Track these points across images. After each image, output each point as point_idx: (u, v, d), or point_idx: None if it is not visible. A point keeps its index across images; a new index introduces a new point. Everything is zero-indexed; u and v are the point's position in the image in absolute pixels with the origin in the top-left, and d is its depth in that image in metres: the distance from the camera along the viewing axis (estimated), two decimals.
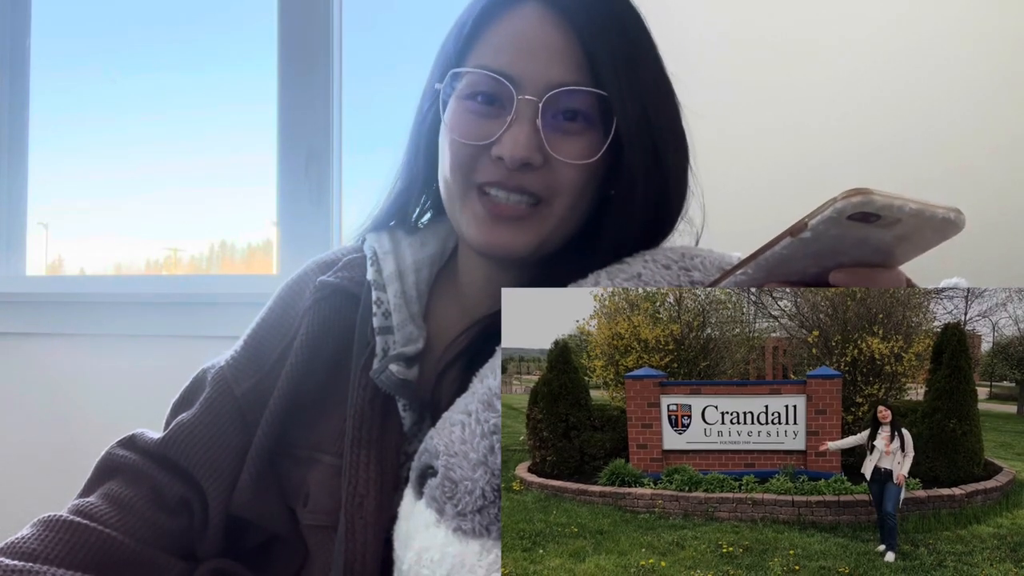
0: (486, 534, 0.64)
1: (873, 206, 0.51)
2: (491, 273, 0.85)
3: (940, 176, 1.38)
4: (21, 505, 1.87)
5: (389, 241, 0.89)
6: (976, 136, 1.39)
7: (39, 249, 2.11)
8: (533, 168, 0.75)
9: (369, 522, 0.78)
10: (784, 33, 1.46)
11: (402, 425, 0.83)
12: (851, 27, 1.44)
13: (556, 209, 0.78)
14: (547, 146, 0.75)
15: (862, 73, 1.43)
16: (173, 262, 2.12)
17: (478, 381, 0.72)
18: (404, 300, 0.86)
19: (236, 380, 0.87)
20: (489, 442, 0.66)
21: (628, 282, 0.74)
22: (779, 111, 1.44)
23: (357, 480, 0.79)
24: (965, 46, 1.40)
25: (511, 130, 0.74)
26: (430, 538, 0.66)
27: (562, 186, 0.77)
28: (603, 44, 0.76)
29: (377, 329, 0.84)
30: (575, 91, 0.75)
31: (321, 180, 1.82)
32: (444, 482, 0.67)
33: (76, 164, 2.12)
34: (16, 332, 1.91)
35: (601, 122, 0.77)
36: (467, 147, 0.77)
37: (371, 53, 1.92)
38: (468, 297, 0.88)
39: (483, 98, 0.77)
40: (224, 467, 0.85)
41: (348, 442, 0.81)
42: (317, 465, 0.84)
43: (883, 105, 1.42)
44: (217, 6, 2.09)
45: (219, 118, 2.04)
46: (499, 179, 0.76)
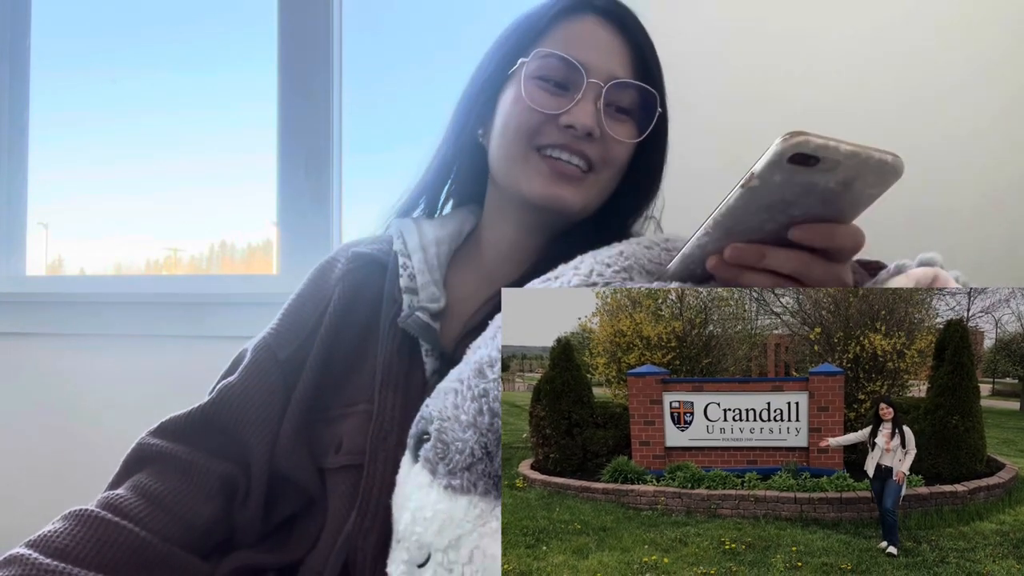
0: (473, 490, 0.68)
1: (809, 146, 0.55)
2: (517, 238, 1.00)
3: (939, 175, 1.38)
4: (21, 505, 1.87)
5: (412, 223, 1.03)
6: (976, 133, 1.38)
7: (39, 249, 2.10)
8: (592, 139, 0.92)
9: (390, 455, 0.86)
10: (777, 29, 1.46)
11: (425, 371, 0.92)
12: (847, 24, 1.43)
13: (602, 177, 0.95)
14: (604, 124, 0.92)
15: (858, 70, 1.42)
16: (173, 262, 2.12)
17: (471, 352, 0.78)
18: (427, 267, 0.98)
19: (279, 347, 0.96)
20: (479, 405, 0.70)
21: (610, 258, 0.78)
22: (772, 107, 1.44)
23: (383, 418, 0.89)
24: (964, 41, 1.39)
25: (579, 105, 0.91)
26: (423, 498, 0.70)
27: (611, 158, 0.94)
28: (649, 52, 0.96)
29: (404, 289, 0.96)
30: (631, 84, 0.93)
31: (321, 180, 1.82)
32: (437, 444, 0.71)
33: (76, 164, 2.12)
34: (16, 332, 1.91)
35: (640, 114, 0.95)
36: (538, 114, 0.92)
37: (371, 53, 1.92)
38: (488, 265, 1.01)
39: (554, 82, 0.93)
40: (270, 425, 0.93)
41: (377, 386, 0.91)
42: (351, 417, 0.92)
43: (882, 105, 1.42)
44: (217, 6, 2.09)
45: (219, 118, 2.04)
46: (565, 142, 0.91)
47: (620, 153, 0.95)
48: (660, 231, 1.07)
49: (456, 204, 1.09)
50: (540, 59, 0.93)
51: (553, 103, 0.92)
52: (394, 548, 0.74)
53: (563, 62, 0.92)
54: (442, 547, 0.66)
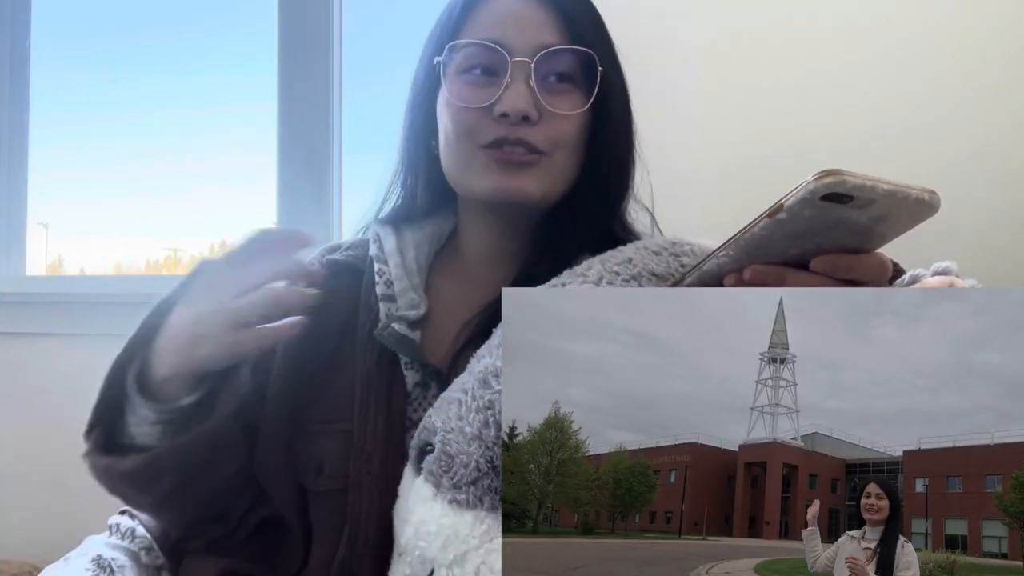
0: (479, 505, 0.66)
1: (845, 187, 0.53)
2: (494, 242, 0.93)
3: (937, 176, 1.37)
4: (21, 505, 1.87)
5: (390, 226, 0.97)
6: (968, 133, 1.37)
7: (39, 249, 2.10)
8: (532, 123, 0.84)
9: (375, 476, 0.82)
10: (771, 31, 1.45)
11: (405, 385, 0.87)
12: (837, 24, 1.43)
13: (557, 160, 0.86)
14: (542, 101, 0.84)
15: (850, 70, 1.42)
16: (173, 262, 2.12)
17: (475, 361, 0.75)
18: (405, 271, 0.92)
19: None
20: (484, 417, 0.68)
21: (619, 266, 0.77)
22: (767, 107, 1.44)
23: (365, 438, 0.84)
24: (952, 41, 1.38)
25: (508, 90, 0.83)
26: (427, 511, 0.68)
27: (559, 138, 0.86)
28: (581, 14, 0.88)
29: (380, 296, 0.90)
30: (562, 51, 0.85)
31: (321, 180, 1.82)
32: (441, 456, 0.69)
33: (76, 164, 2.12)
34: (16, 332, 1.90)
35: (584, 82, 0.87)
36: (470, 111, 0.85)
37: (371, 53, 1.92)
38: (472, 269, 0.95)
39: (480, 70, 0.85)
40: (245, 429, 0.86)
41: (357, 403, 0.85)
42: (330, 435, 0.87)
43: (879, 104, 1.41)
44: (217, 6, 2.09)
45: (219, 118, 2.04)
46: (503, 135, 0.84)
47: (569, 129, 0.86)
48: (657, 228, 1.02)
49: (434, 205, 1.00)
50: (458, 52, 0.86)
51: (482, 95, 0.84)
52: (395, 562, 0.73)
53: (481, 48, 0.85)
54: (447, 563, 0.65)
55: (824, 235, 0.57)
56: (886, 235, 0.59)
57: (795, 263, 0.60)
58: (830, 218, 0.55)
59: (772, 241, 0.58)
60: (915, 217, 0.57)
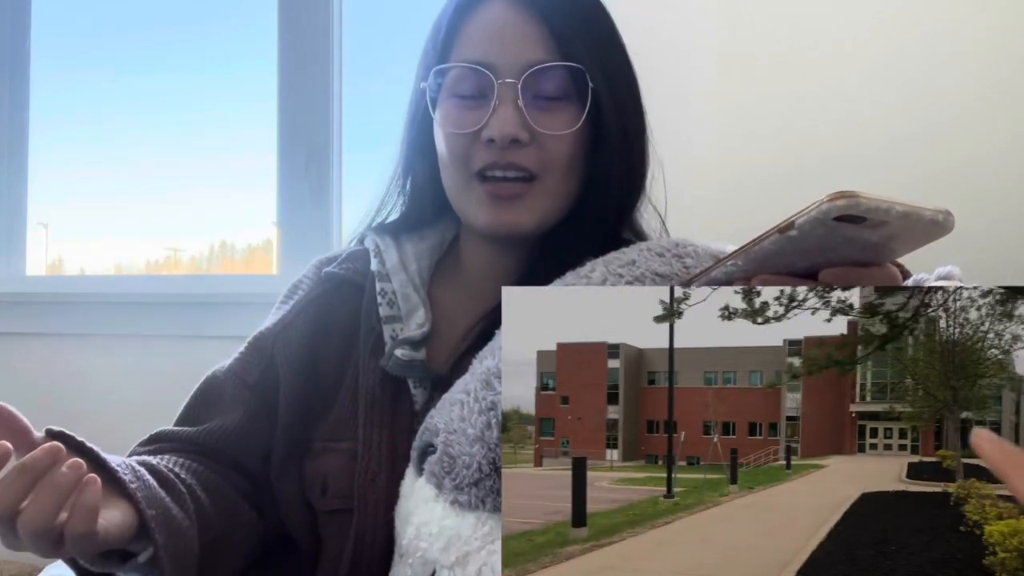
0: (481, 506, 0.66)
1: (858, 209, 0.52)
2: (493, 256, 0.91)
3: (940, 179, 1.37)
4: None
5: (389, 236, 0.94)
6: (972, 138, 1.37)
7: (39, 249, 2.10)
8: (522, 145, 0.81)
9: (381, 498, 0.81)
10: (777, 37, 1.45)
11: (414, 404, 0.86)
12: (844, 29, 1.43)
13: (549, 184, 0.84)
14: (531, 122, 0.81)
15: (856, 75, 1.42)
16: (173, 262, 2.12)
17: (478, 362, 0.75)
18: (412, 287, 0.90)
19: (246, 372, 0.91)
20: (486, 418, 0.68)
21: (623, 268, 0.77)
22: (772, 113, 1.44)
23: (370, 458, 0.83)
24: (957, 46, 1.38)
25: (496, 113, 0.80)
26: (428, 512, 0.69)
27: (552, 159, 0.83)
28: (570, 27, 0.83)
29: (383, 318, 0.88)
30: (550, 68, 0.81)
31: (321, 180, 1.82)
32: (443, 457, 0.69)
33: (76, 164, 2.12)
34: (16, 332, 1.91)
35: (577, 98, 0.83)
36: (460, 136, 0.83)
37: (371, 53, 1.92)
38: (472, 281, 0.93)
39: (468, 92, 0.83)
40: (261, 448, 0.88)
41: (361, 423, 0.85)
42: (334, 453, 0.87)
43: (880, 107, 1.41)
44: (217, 6, 2.09)
45: (219, 118, 2.04)
46: (493, 160, 0.82)
47: (562, 149, 0.82)
48: (665, 230, 0.98)
49: (435, 215, 0.97)
50: (445, 76, 0.84)
51: (470, 119, 0.82)
52: (396, 563, 0.73)
53: (467, 71, 0.82)
54: (448, 564, 0.65)
55: (834, 251, 0.57)
56: (897, 251, 0.59)
57: (804, 274, 0.60)
58: (842, 236, 0.55)
59: (782, 255, 0.58)
60: (928, 236, 0.56)
